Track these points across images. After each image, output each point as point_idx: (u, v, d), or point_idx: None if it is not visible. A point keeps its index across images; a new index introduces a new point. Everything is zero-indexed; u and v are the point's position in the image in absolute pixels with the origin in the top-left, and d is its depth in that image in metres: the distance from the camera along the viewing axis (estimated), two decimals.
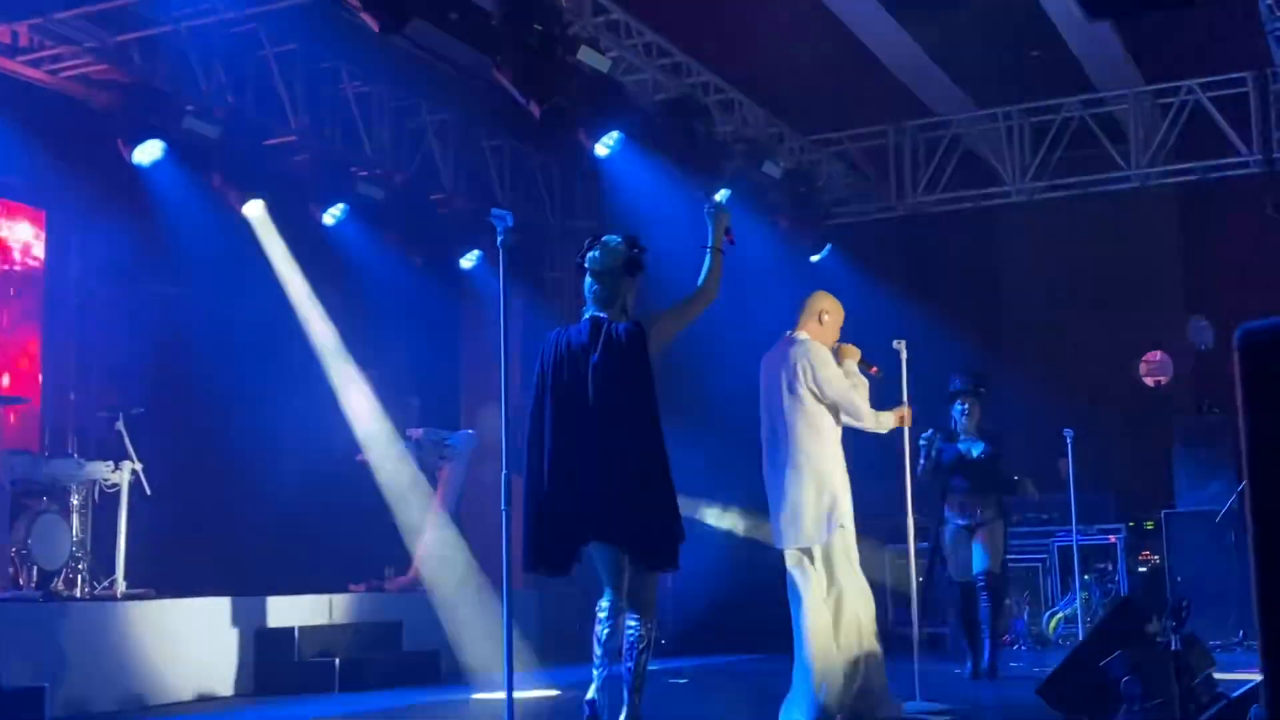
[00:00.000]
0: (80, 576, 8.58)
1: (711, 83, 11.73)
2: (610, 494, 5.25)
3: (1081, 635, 10.55)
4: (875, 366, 6.74)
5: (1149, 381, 13.29)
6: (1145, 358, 13.34)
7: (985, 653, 9.13)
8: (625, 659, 5.28)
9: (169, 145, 9.35)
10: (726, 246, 5.84)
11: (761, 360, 6.83)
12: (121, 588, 8.62)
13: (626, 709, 5.25)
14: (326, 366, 10.96)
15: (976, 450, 9.18)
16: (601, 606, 5.41)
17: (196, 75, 9.55)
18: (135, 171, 9.41)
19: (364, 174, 11.24)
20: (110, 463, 8.86)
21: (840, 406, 6.57)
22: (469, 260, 12.25)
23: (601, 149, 10.36)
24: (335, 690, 8.70)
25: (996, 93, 12.74)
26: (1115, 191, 12.84)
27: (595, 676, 5.28)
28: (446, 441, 10.93)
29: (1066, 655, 6.76)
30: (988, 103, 12.94)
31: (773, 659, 8.33)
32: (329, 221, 10.83)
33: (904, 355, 7.30)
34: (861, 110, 13.11)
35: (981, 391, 9.33)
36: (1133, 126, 12.53)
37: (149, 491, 8.92)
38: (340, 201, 10.79)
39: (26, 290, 9.95)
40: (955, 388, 9.31)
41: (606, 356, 5.36)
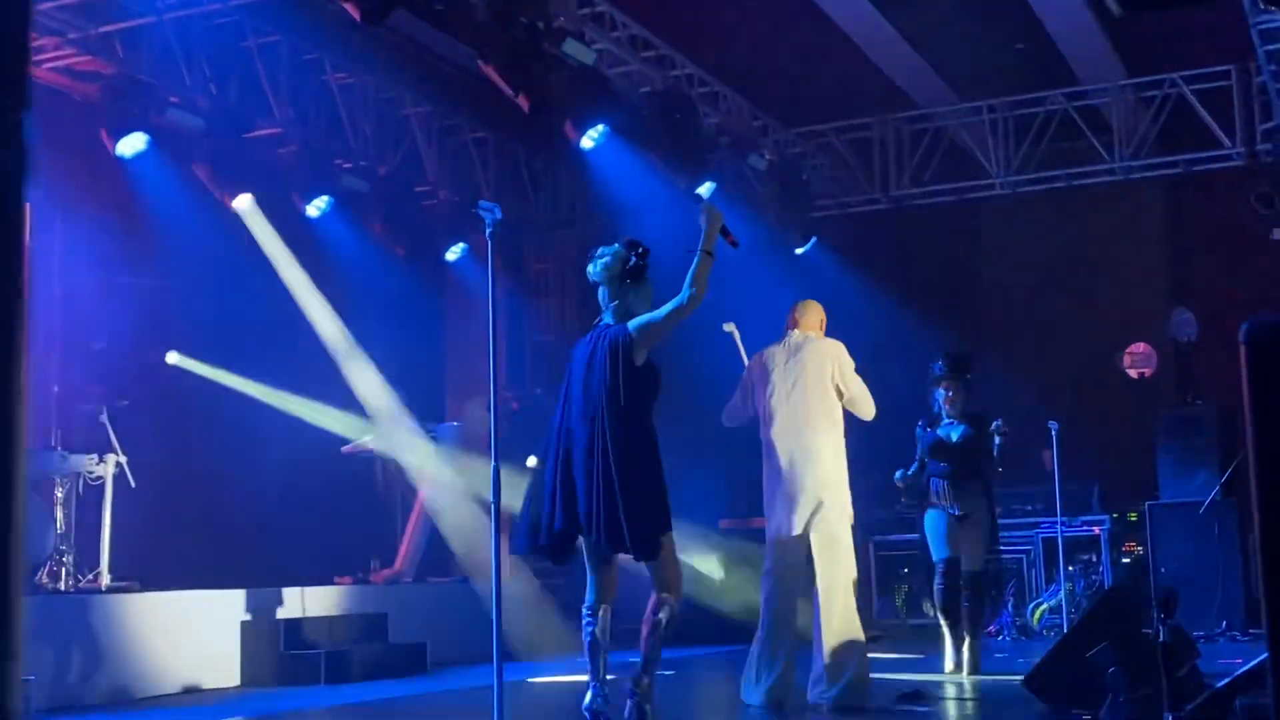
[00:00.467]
0: (64, 569, 8.53)
1: (696, 75, 11.73)
2: (591, 491, 5.43)
3: (1066, 626, 10.59)
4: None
5: (1132, 373, 13.33)
6: (1129, 349, 13.37)
7: (964, 646, 8.69)
8: (642, 631, 5.50)
9: (152, 137, 9.32)
10: (728, 249, 5.88)
11: (765, 353, 7.01)
12: (106, 580, 8.58)
13: (632, 683, 5.43)
14: (335, 353, 10.99)
15: (956, 434, 8.89)
16: (585, 606, 5.56)
17: (180, 67, 9.52)
18: (118, 163, 9.37)
19: (348, 166, 11.21)
20: (94, 455, 8.81)
21: (858, 401, 7.07)
22: (454, 252, 12.23)
23: (586, 141, 10.34)
24: (321, 682, 8.68)
25: (981, 85, 12.77)
26: (1099, 184, 12.90)
27: (590, 685, 5.43)
28: (432, 434, 10.92)
29: (1052, 646, 6.80)
30: (972, 95, 12.98)
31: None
32: (313, 214, 10.79)
33: (738, 337, 7.43)
34: (846, 103, 13.13)
35: (964, 375, 9.02)
36: (1116, 119, 12.58)
37: (133, 484, 8.88)
38: (324, 193, 10.75)
39: None
40: (936, 373, 9.02)
41: (599, 361, 5.58)
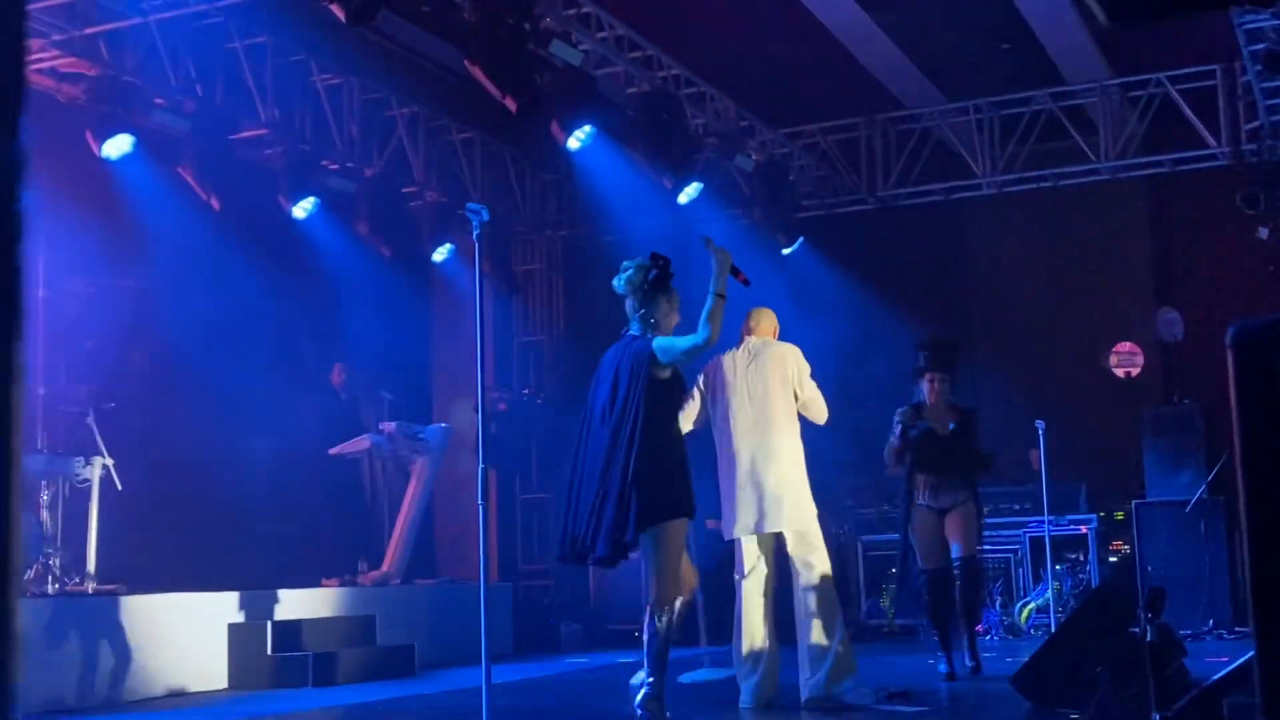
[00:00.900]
0: (51, 573, 8.51)
1: (683, 76, 11.74)
2: (596, 498, 5.68)
3: (1054, 626, 10.61)
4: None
5: (1119, 373, 13.36)
6: (1115, 349, 13.41)
7: (964, 647, 8.49)
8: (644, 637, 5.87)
9: (138, 139, 9.29)
10: (740, 287, 6.01)
11: (724, 359, 7.02)
12: (93, 584, 8.56)
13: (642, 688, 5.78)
14: None
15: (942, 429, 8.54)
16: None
17: (165, 68, 9.50)
18: (104, 165, 9.35)
19: (334, 167, 11.20)
20: (81, 458, 8.79)
21: (812, 404, 6.99)
22: (441, 253, 12.22)
23: (573, 142, 10.34)
24: (309, 684, 8.66)
25: (967, 86, 12.79)
26: (1085, 184, 12.93)
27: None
28: (419, 435, 10.90)
29: (1040, 645, 6.81)
30: (958, 96, 13.00)
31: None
32: (299, 215, 10.77)
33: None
34: (833, 103, 13.14)
35: (950, 366, 8.65)
36: (1102, 119, 12.60)
37: (120, 487, 8.86)
38: (310, 195, 10.73)
39: None
40: (918, 364, 8.68)
41: (624, 372, 5.85)
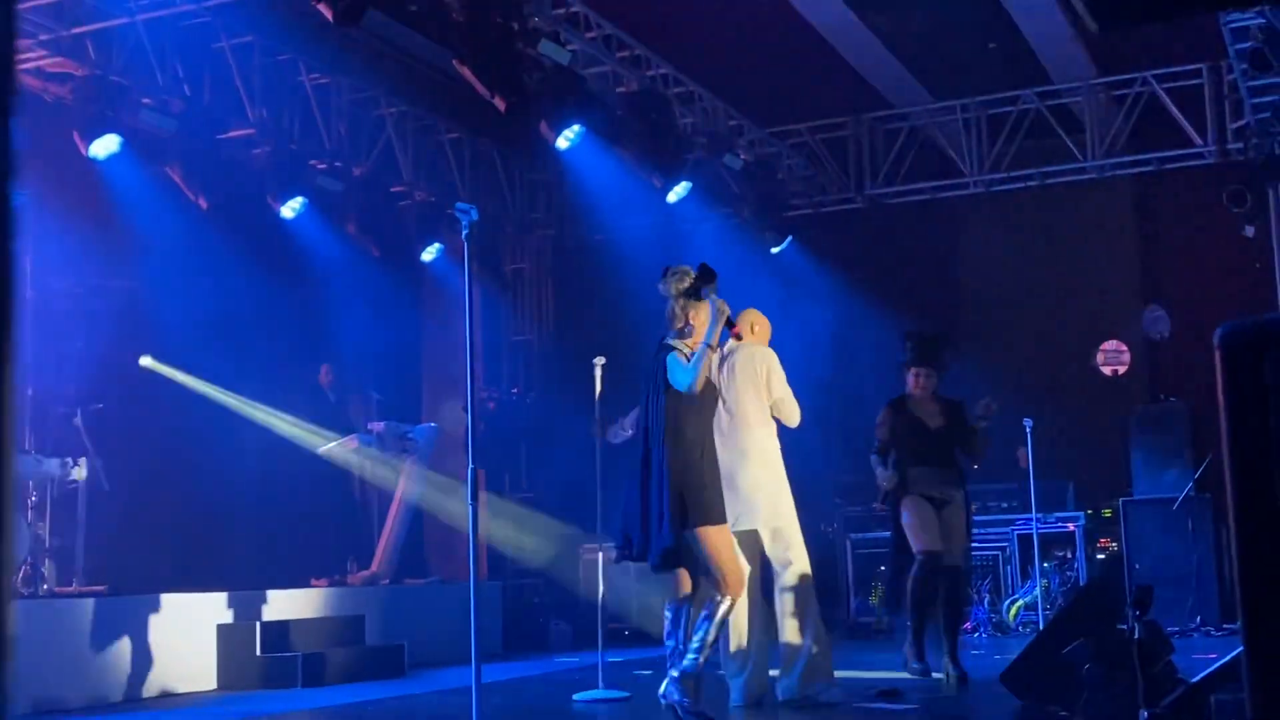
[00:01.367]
0: (39, 574, 8.50)
1: (671, 75, 11.74)
2: (641, 506, 6.00)
3: (1042, 622, 10.64)
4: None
5: (1106, 371, 13.39)
6: (1102, 347, 13.44)
7: (945, 653, 8.17)
8: None
9: (125, 139, 9.27)
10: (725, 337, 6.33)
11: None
12: (81, 584, 8.54)
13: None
14: None
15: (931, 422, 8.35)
16: None
17: (153, 68, 9.48)
18: (91, 165, 9.32)
19: (322, 167, 11.19)
20: (68, 459, 8.78)
21: (782, 404, 7.07)
22: (430, 253, 12.22)
23: (562, 142, 10.34)
24: (298, 685, 8.65)
25: (954, 85, 12.82)
26: (1072, 182, 12.96)
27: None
28: (408, 435, 10.89)
29: (1028, 642, 6.83)
30: (945, 95, 13.02)
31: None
32: (288, 214, 10.75)
33: (599, 372, 7.81)
34: (821, 103, 13.16)
35: (934, 359, 8.41)
36: (1089, 118, 12.64)
37: (107, 487, 8.84)
38: (299, 194, 10.71)
39: None
40: (904, 357, 8.44)
41: (655, 380, 6.14)
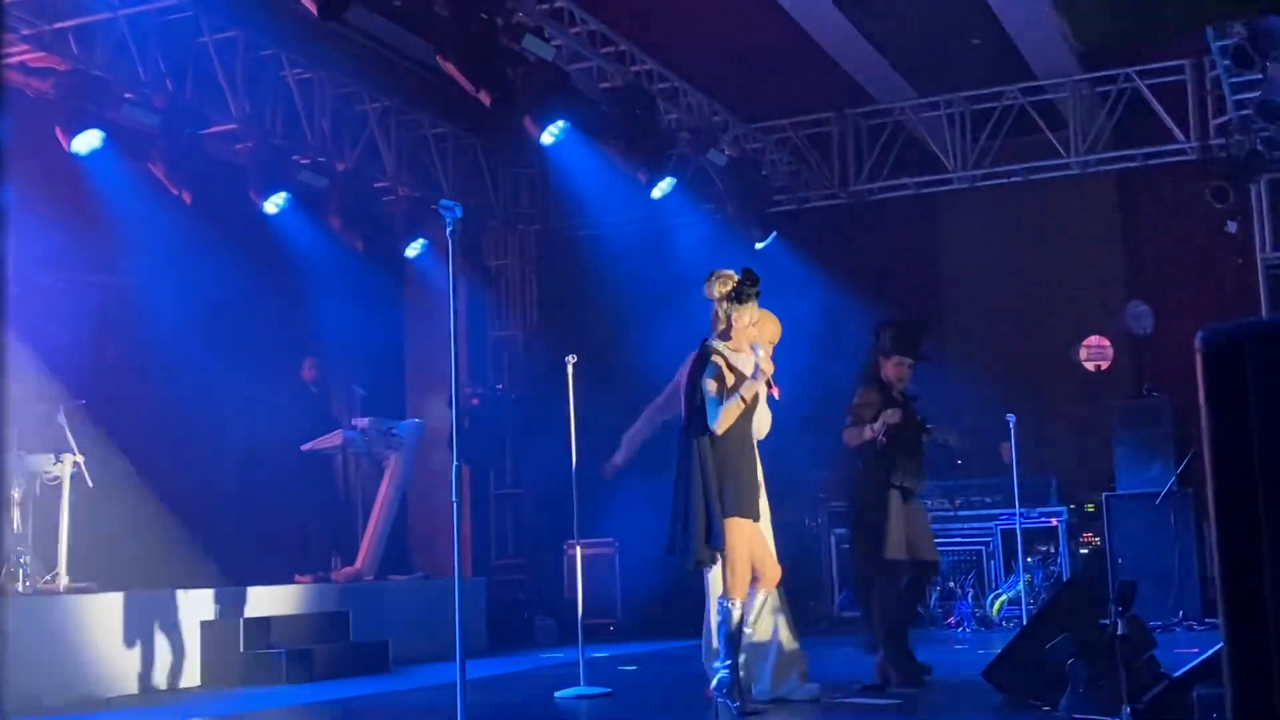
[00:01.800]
0: (22, 571, 8.47)
1: (655, 71, 11.74)
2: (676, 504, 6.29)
3: (1025, 617, 10.68)
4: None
5: (1089, 366, 13.44)
6: (1085, 342, 13.48)
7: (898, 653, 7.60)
8: None
9: (107, 134, 9.24)
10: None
11: (690, 361, 7.01)
12: (64, 581, 8.51)
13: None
14: None
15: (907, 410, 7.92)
16: None
17: (135, 63, 9.45)
18: (73, 160, 9.29)
19: (305, 162, 11.15)
20: (51, 455, 8.75)
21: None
22: (414, 249, 12.20)
23: (547, 137, 10.33)
24: (283, 681, 8.64)
25: (938, 81, 12.84)
26: (1055, 178, 13.00)
27: None
28: (393, 431, 10.88)
29: (1012, 638, 6.85)
30: (930, 90, 13.05)
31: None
32: (271, 210, 10.73)
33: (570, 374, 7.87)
34: (805, 98, 13.17)
35: (916, 349, 7.99)
36: (1072, 114, 12.67)
37: (91, 484, 8.82)
38: (282, 190, 10.68)
39: None
40: (885, 346, 7.94)
41: (689, 382, 6.38)
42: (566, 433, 7.88)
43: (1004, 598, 11.98)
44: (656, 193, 11.83)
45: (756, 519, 6.41)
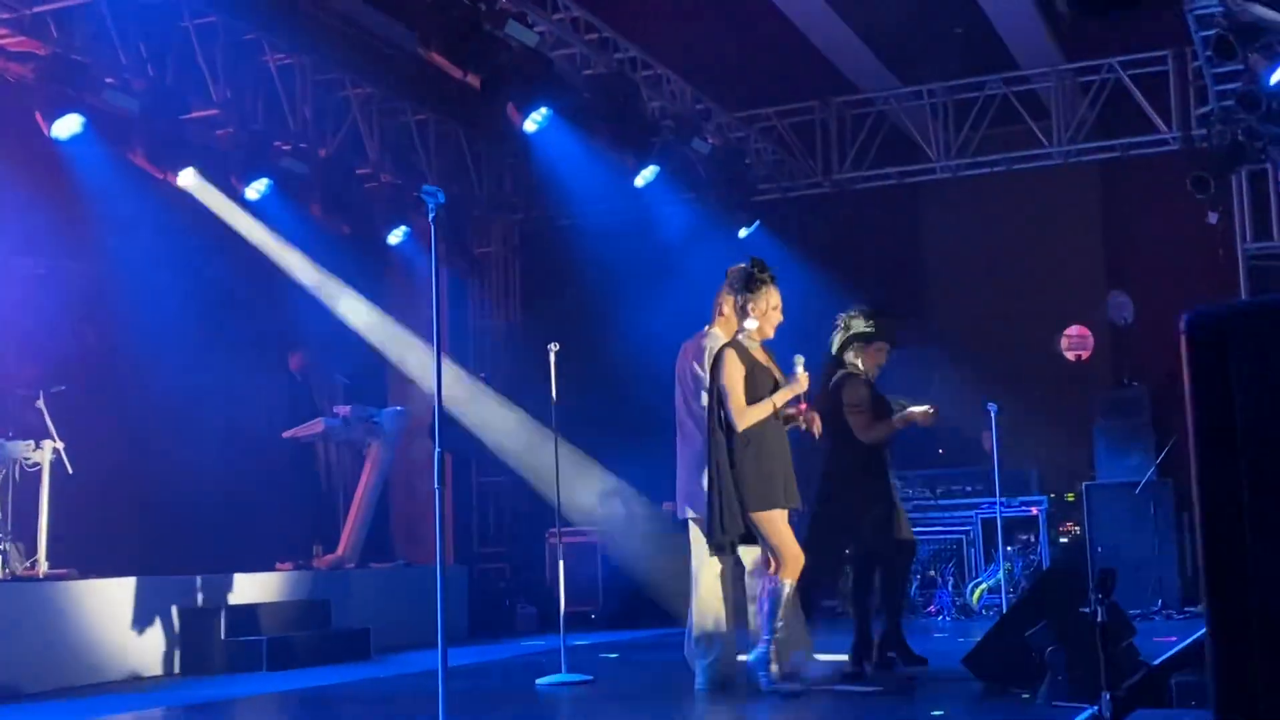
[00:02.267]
0: (1, 557, 8.43)
1: (639, 59, 11.72)
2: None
3: (1005, 606, 10.72)
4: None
5: (1070, 356, 13.48)
6: (1066, 332, 13.52)
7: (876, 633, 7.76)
8: None
9: (88, 119, 9.19)
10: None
11: (688, 346, 7.03)
12: (44, 568, 8.48)
13: None
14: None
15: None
16: None
17: (115, 47, 9.39)
18: (53, 145, 9.23)
19: (287, 148, 11.10)
20: (31, 441, 8.71)
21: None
22: (396, 235, 12.16)
23: (530, 124, 10.30)
24: (263, 669, 8.63)
25: (921, 70, 12.85)
26: (1038, 168, 13.03)
27: None
28: (375, 419, 10.86)
29: (991, 626, 6.87)
30: (912, 79, 13.05)
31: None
32: (252, 196, 10.67)
33: (553, 361, 7.79)
34: (788, 87, 13.17)
35: (880, 336, 7.86)
36: (1055, 104, 12.70)
37: (71, 470, 8.78)
38: (263, 176, 10.63)
39: None
40: (863, 331, 7.86)
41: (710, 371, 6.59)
42: (549, 420, 7.92)
43: (984, 586, 12.02)
44: (639, 181, 11.82)
45: (797, 505, 6.56)
